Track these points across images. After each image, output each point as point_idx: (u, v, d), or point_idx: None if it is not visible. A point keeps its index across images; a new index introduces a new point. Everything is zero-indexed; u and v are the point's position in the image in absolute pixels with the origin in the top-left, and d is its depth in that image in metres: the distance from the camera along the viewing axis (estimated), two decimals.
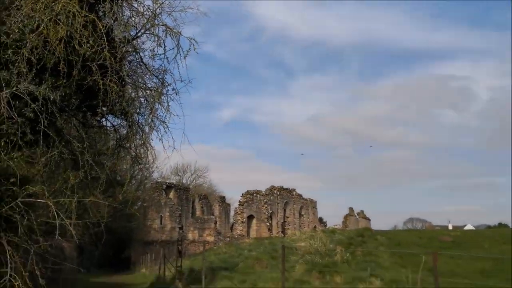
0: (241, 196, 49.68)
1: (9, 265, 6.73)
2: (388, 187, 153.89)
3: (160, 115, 9.68)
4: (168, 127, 10.24)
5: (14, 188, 7.13)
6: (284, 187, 55.96)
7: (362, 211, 72.11)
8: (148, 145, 10.23)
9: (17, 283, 6.63)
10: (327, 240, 14.72)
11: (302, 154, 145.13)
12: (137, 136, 10.33)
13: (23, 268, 7.16)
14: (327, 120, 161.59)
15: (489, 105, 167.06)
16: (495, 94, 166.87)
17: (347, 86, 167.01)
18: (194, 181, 66.81)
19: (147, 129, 10.06)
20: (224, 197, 54.70)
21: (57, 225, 7.27)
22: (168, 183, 49.63)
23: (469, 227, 77.81)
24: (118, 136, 10.83)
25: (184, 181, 62.76)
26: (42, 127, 7.95)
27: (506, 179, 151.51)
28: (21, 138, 7.91)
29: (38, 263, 7.53)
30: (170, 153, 10.68)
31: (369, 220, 71.43)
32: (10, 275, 6.67)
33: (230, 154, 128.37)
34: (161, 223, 47.10)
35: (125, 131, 10.85)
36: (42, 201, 7.37)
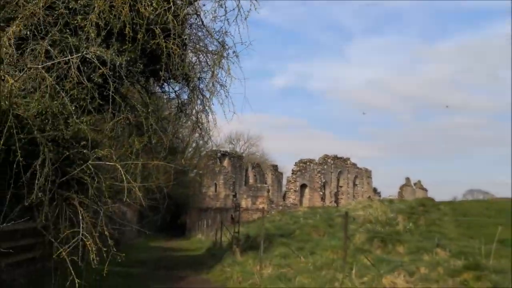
0: (294, 165, 49.51)
1: (81, 225, 7.02)
2: (448, 156, 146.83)
3: (220, 79, 9.62)
4: (228, 92, 10.17)
5: (85, 151, 7.37)
6: (338, 156, 55.14)
7: (419, 181, 69.69)
8: (209, 110, 10.23)
9: (89, 242, 6.91)
10: (387, 209, 14.28)
11: (364, 113, 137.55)
12: (198, 101, 10.34)
13: (93, 228, 7.47)
14: (385, 84, 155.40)
15: None
16: None
17: (408, 47, 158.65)
18: (247, 149, 67.49)
19: (207, 94, 10.04)
20: (276, 166, 54.85)
21: (125, 187, 7.46)
22: (222, 151, 50.38)
23: None
24: (180, 102, 10.92)
25: (237, 149, 63.57)
26: (110, 92, 8.12)
27: None
28: (90, 103, 8.13)
29: (107, 225, 7.83)
30: (230, 118, 10.66)
31: (426, 191, 69.03)
32: (82, 235, 6.96)
33: (283, 122, 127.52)
34: (215, 191, 48.27)
35: (186, 97, 10.92)
36: (111, 163, 7.58)
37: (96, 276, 7.98)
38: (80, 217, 7.14)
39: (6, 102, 6.33)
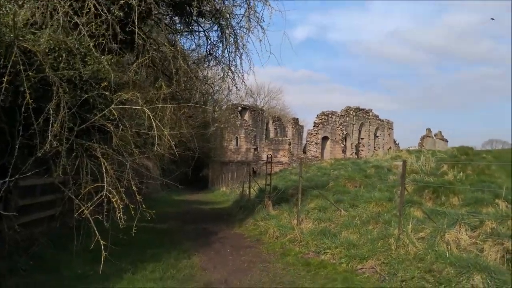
0: (316, 117, 48.60)
1: (105, 179, 6.18)
2: (468, 107, 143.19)
3: (257, 13, 8.41)
4: (264, 29, 8.97)
5: (106, 94, 6.41)
6: (360, 107, 53.92)
7: (440, 132, 68.03)
8: (243, 50, 9.07)
9: (115, 199, 6.09)
10: (429, 158, 13.19)
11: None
12: (230, 40, 9.17)
13: (118, 183, 6.65)
14: (407, 36, 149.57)
15: None
16: None
17: None
18: (268, 103, 66.60)
19: (240, 31, 8.86)
20: (297, 119, 53.97)
21: (156, 135, 6.54)
22: (243, 105, 49.53)
23: None
24: (209, 42, 9.80)
25: (258, 103, 62.66)
26: (135, 26, 7.06)
27: None
28: (110, 41, 7.10)
29: (134, 178, 7.00)
30: (267, 59, 9.53)
31: (447, 141, 67.43)
32: (107, 190, 6.13)
33: (303, 76, 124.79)
34: (237, 144, 48.00)
35: (216, 37, 9.77)
36: (138, 107, 6.63)
37: (123, 235, 7.27)
38: (104, 170, 6.28)
39: (11, 35, 5.34)
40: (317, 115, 48.45)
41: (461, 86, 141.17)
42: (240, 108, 48.11)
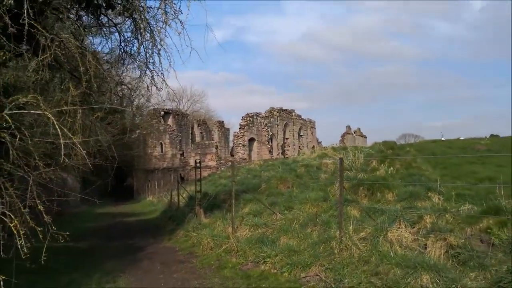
0: (242, 119, 48.50)
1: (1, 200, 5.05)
2: (380, 103, 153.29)
3: (174, 3, 7.58)
4: (182, 22, 8.17)
5: None
6: (283, 108, 54.93)
7: (358, 129, 71.60)
8: (160, 46, 8.19)
9: (13, 223, 4.99)
10: (358, 154, 13.25)
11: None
12: (146, 36, 8.24)
13: (20, 203, 5.53)
14: (320, 36, 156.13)
15: (481, 14, 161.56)
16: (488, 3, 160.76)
17: None
18: (192, 106, 65.45)
19: (156, 24, 7.99)
20: (222, 121, 53.53)
21: (62, 144, 5.51)
22: (166, 109, 48.01)
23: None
24: (122, 38, 8.76)
25: (181, 107, 61.28)
26: (27, 18, 5.93)
27: (496, 91, 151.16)
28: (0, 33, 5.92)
29: (41, 196, 5.89)
30: (188, 55, 8.74)
31: (366, 137, 71.11)
32: (3, 214, 5.01)
33: (224, 77, 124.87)
34: (162, 151, 46.39)
35: (130, 32, 8.76)
36: (37, 112, 5.55)
37: (31, 263, 6.10)
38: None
39: None
40: (242, 117, 48.39)
41: (372, 83, 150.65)
42: (162, 112, 46.54)
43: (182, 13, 8.22)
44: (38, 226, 5.74)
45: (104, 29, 9.13)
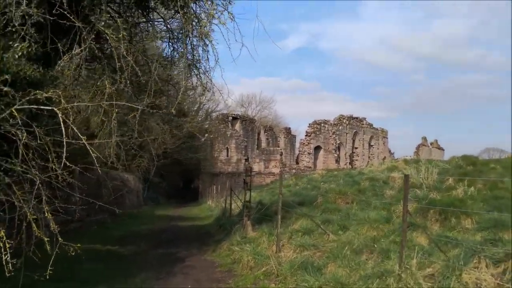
0: (308, 126, 47.33)
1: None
2: (462, 114, 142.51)
3: None
4: (233, 15, 7.35)
5: (6, 90, 4.74)
6: (354, 116, 52.75)
7: (436, 141, 66.98)
8: (208, 40, 7.42)
9: (0, 235, 4.37)
10: (433, 170, 11.54)
11: None
12: (193, 30, 7.51)
13: (28, 210, 4.94)
14: (398, 43, 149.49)
15: None
16: None
17: (420, 3, 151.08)
18: (259, 112, 65.45)
19: (204, 16, 7.24)
20: (289, 128, 52.57)
21: (64, 143, 4.84)
22: (234, 114, 48.27)
23: None
24: (169, 32, 8.16)
25: (249, 112, 61.48)
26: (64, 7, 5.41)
27: None
28: (22, 23, 5.44)
29: (53, 201, 5.29)
30: (238, 53, 7.90)
31: (443, 150, 66.24)
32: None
33: (296, 85, 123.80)
34: (227, 155, 46.50)
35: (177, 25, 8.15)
36: (47, 107, 4.95)
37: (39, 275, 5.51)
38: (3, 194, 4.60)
39: None
40: (309, 124, 47.21)
41: (453, 93, 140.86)
42: (231, 117, 46.72)
43: (230, 3, 7.44)
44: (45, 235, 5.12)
45: (154, 25, 8.58)
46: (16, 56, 5.20)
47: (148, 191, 33.70)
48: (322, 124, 47.79)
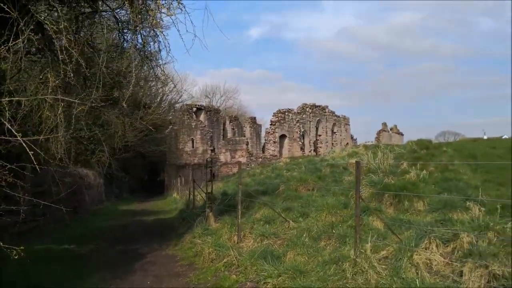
0: (273, 115, 47.45)
1: None
2: (418, 100, 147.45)
3: None
4: (184, 5, 7.15)
5: None
6: (316, 104, 53.40)
7: (395, 126, 68.82)
8: (157, 29, 7.18)
9: None
10: (387, 154, 11.80)
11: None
12: (142, 21, 7.24)
13: None
14: (356, 33, 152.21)
15: None
16: None
17: None
18: (224, 103, 65.08)
19: (153, 5, 6.99)
20: (255, 118, 52.58)
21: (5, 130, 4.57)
22: (198, 105, 47.76)
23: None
24: (118, 22, 7.84)
25: (214, 103, 61.05)
26: None
27: None
28: None
29: None
30: (191, 43, 7.72)
31: (402, 135, 68.21)
32: None
33: (259, 75, 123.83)
34: (193, 146, 45.94)
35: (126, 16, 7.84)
36: None
37: None
38: None
39: None
40: (274, 113, 47.40)
41: (409, 81, 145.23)
42: (195, 108, 46.17)
43: None
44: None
45: (101, 16, 8.21)
46: None
47: (111, 186, 32.92)
48: (286, 113, 48.08)
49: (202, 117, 46.70)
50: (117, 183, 36.74)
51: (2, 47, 5.93)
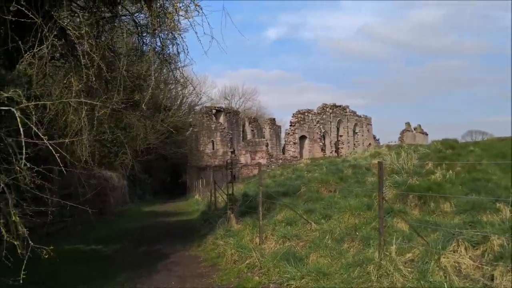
0: (292, 116, 47.30)
1: None
2: (443, 98, 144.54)
3: None
4: (201, 7, 7.18)
5: None
6: (337, 104, 52.95)
7: (419, 126, 67.51)
8: (176, 33, 7.24)
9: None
10: (411, 154, 11.58)
11: None
12: (161, 24, 7.32)
13: None
14: (376, 32, 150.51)
15: None
16: None
17: None
18: (243, 104, 65.20)
19: (171, 8, 7.05)
20: (274, 119, 52.52)
21: (23, 143, 4.66)
22: (217, 107, 48.00)
23: None
24: (137, 27, 7.94)
25: (233, 105, 61.24)
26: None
27: None
28: None
29: (21, 204, 5.12)
30: (208, 45, 7.74)
31: (427, 135, 66.90)
32: None
33: (277, 75, 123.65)
34: (213, 148, 46.19)
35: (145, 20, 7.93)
36: (4, 108, 4.76)
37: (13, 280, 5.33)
38: None
39: None
40: (293, 114, 47.28)
41: (432, 78, 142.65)
42: (214, 110, 46.40)
43: None
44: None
45: (121, 21, 8.34)
46: None
47: (134, 188, 33.38)
48: (306, 114, 47.88)
49: (221, 119, 46.93)
50: (140, 185, 37.24)
51: (28, 53, 6.07)
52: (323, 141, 49.28)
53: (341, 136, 53.42)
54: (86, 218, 16.68)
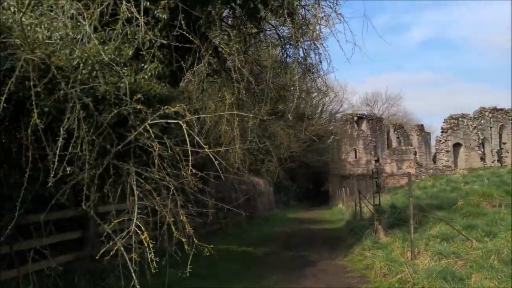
0: (444, 122, 43.45)
1: (135, 211, 5.02)
2: None
3: None
4: (342, 16, 7.20)
5: (140, 108, 5.33)
6: (498, 107, 46.78)
7: None
8: (318, 43, 7.38)
9: (144, 236, 4.86)
10: None
11: None
12: (303, 35, 7.56)
13: (166, 214, 5.44)
14: None
15: None
16: None
17: None
18: (387, 110, 62.46)
19: (312, 19, 7.22)
20: (422, 125, 49.18)
21: (189, 152, 5.21)
22: (359, 114, 46.98)
23: None
24: (281, 39, 8.34)
25: (375, 111, 59.19)
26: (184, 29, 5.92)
27: None
28: (149, 46, 6.07)
29: (186, 205, 5.76)
30: (350, 52, 7.69)
31: None
32: (135, 225, 4.94)
33: (424, 78, 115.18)
34: (355, 157, 45.26)
35: (287, 32, 8.28)
36: (173, 121, 5.41)
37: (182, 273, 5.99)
38: (130, 198, 5.23)
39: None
40: (445, 119, 43.35)
41: None
42: (356, 117, 45.46)
43: (339, 4, 7.27)
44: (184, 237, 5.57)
45: (265, 34, 8.84)
46: (147, 77, 5.85)
47: (279, 194, 34.65)
48: (460, 119, 43.52)
49: (363, 126, 45.69)
50: (285, 192, 38.49)
51: (189, 71, 6.84)
52: (482, 149, 44.10)
53: (504, 143, 47.14)
54: (237, 221, 17.97)
